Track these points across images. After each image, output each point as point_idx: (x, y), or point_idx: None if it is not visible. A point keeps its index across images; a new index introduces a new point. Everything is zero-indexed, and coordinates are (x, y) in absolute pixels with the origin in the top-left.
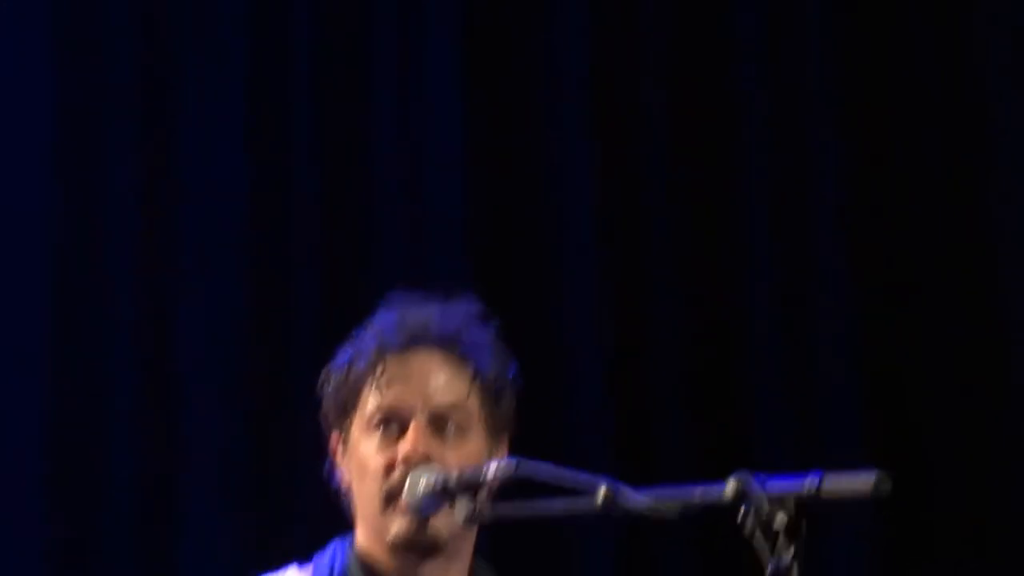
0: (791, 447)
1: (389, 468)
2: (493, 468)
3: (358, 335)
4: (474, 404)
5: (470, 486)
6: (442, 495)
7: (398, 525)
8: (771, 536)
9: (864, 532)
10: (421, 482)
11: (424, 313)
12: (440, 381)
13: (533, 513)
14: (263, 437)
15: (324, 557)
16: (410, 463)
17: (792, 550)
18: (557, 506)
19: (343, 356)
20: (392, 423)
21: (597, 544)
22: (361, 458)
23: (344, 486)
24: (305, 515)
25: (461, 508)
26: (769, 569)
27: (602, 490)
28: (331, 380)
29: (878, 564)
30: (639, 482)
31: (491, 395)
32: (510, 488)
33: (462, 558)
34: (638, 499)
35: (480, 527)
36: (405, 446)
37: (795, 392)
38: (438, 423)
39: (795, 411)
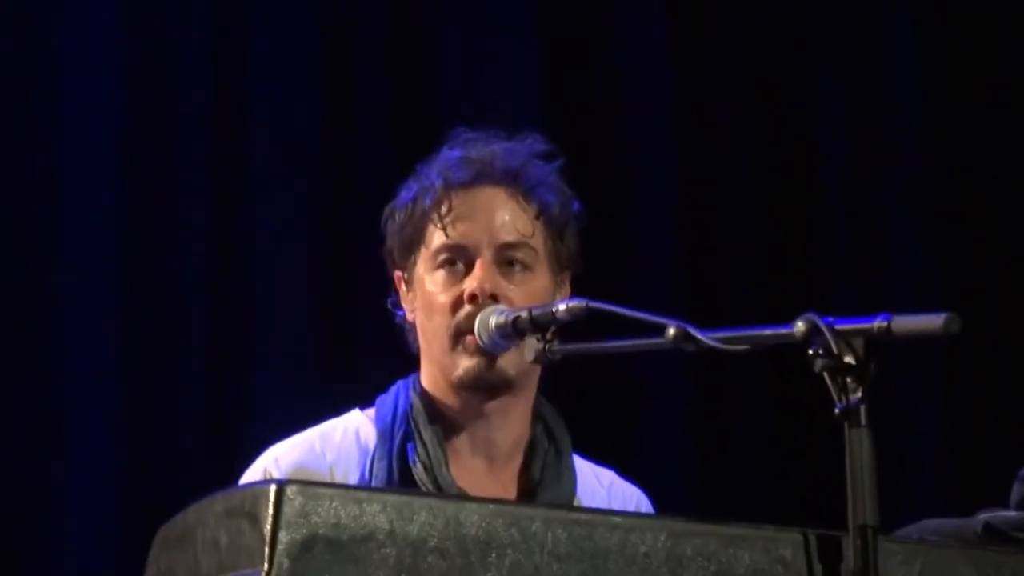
0: (862, 295)
1: (456, 305)
2: (563, 307)
3: (421, 171)
4: (539, 241)
5: (540, 325)
6: (512, 333)
7: (466, 363)
8: (840, 375)
9: (932, 375)
10: (491, 321)
11: (488, 149)
12: (506, 218)
13: (603, 351)
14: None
15: (387, 398)
16: (477, 301)
17: (861, 390)
18: (627, 345)
19: (407, 192)
20: (458, 260)
21: (671, 387)
22: (427, 295)
23: (409, 325)
24: (370, 359)
25: (531, 347)
26: (837, 408)
27: (672, 328)
28: (395, 217)
29: (945, 406)
30: (709, 326)
31: (555, 232)
32: (581, 328)
33: (527, 397)
34: (707, 337)
35: (547, 366)
36: (472, 283)
37: (866, 239)
38: (504, 260)
39: (866, 259)
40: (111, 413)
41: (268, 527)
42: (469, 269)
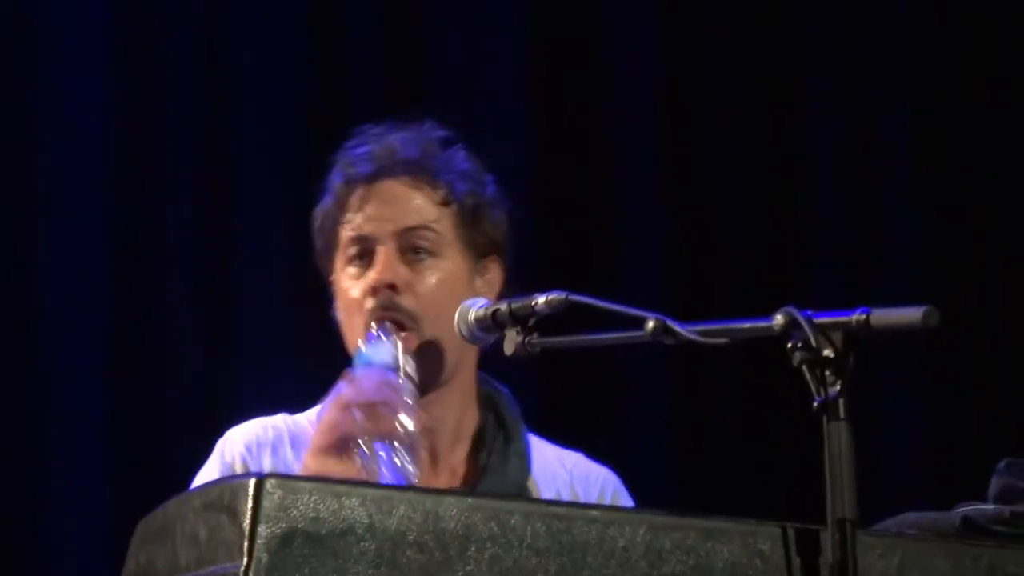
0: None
1: (363, 299)
2: (543, 299)
3: (330, 172)
4: (446, 227)
5: (519, 318)
6: (492, 326)
7: None
8: (819, 369)
9: (912, 368)
10: (470, 314)
11: (388, 141)
12: (407, 205)
13: (583, 344)
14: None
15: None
16: (376, 293)
17: (840, 383)
18: (606, 338)
19: (321, 199)
20: (364, 254)
21: (651, 380)
22: (342, 293)
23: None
24: None
25: (510, 340)
26: (816, 402)
27: (651, 321)
28: (316, 221)
29: (925, 399)
30: (695, 318)
31: (466, 217)
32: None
33: (460, 383)
34: (687, 330)
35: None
36: (371, 275)
37: (855, 230)
38: (408, 247)
39: (855, 250)
40: (96, 408)
41: (247, 521)
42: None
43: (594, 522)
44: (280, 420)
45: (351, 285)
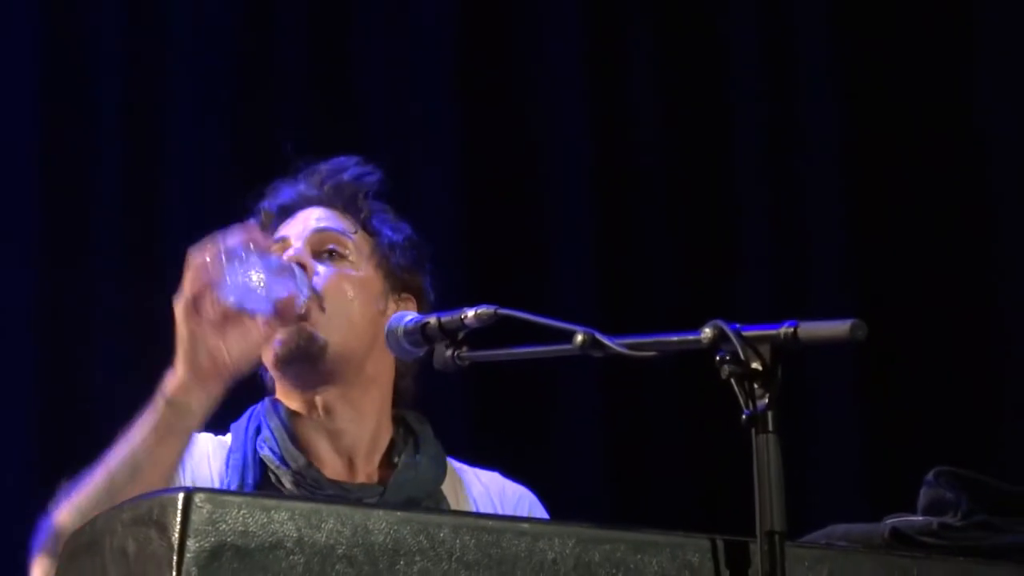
0: (777, 301)
1: None
2: (472, 313)
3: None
4: (362, 242)
5: (449, 331)
6: (420, 340)
7: (281, 335)
8: (747, 382)
9: (843, 380)
10: (399, 328)
11: (314, 173)
12: (323, 215)
13: (512, 357)
14: None
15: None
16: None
17: (768, 396)
18: (535, 351)
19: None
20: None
21: (582, 392)
22: None
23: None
24: None
25: (439, 354)
26: (745, 414)
27: (579, 334)
28: None
29: (856, 412)
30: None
31: (384, 250)
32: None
33: (377, 392)
34: (615, 343)
35: (452, 374)
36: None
37: (784, 242)
38: (316, 243)
39: (783, 263)
40: (31, 409)
41: (176, 535)
42: None
43: (523, 535)
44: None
45: None
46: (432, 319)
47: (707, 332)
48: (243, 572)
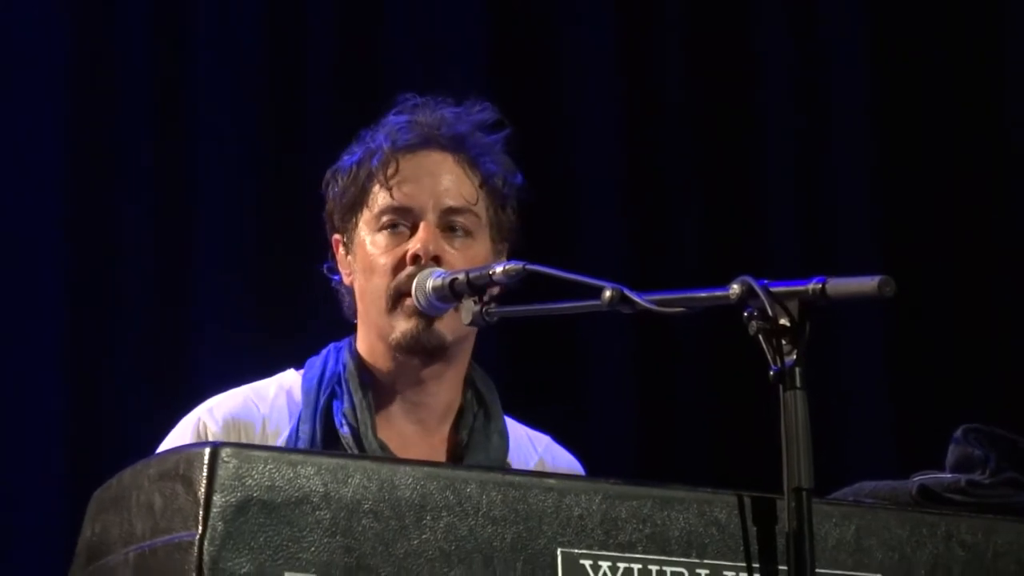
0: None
1: (397, 267)
2: (500, 269)
3: (367, 135)
4: (481, 209)
5: (477, 287)
6: (449, 295)
7: (403, 326)
8: (775, 338)
9: (873, 338)
10: (428, 283)
11: (436, 115)
12: (451, 184)
13: (540, 313)
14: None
15: (316, 360)
16: (419, 262)
17: (796, 352)
18: (563, 308)
19: (351, 156)
20: (401, 223)
21: (612, 348)
22: (368, 257)
23: (345, 289)
24: (310, 322)
25: (467, 309)
26: (772, 371)
27: (608, 290)
28: (337, 180)
29: (885, 368)
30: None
31: (498, 202)
32: (521, 291)
33: (461, 362)
34: (643, 299)
35: (483, 329)
36: (415, 244)
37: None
38: (447, 225)
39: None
40: (54, 389)
41: (202, 489)
42: (412, 232)
43: (550, 491)
44: (253, 397)
45: (381, 251)
46: (460, 275)
47: (735, 288)
48: (269, 526)
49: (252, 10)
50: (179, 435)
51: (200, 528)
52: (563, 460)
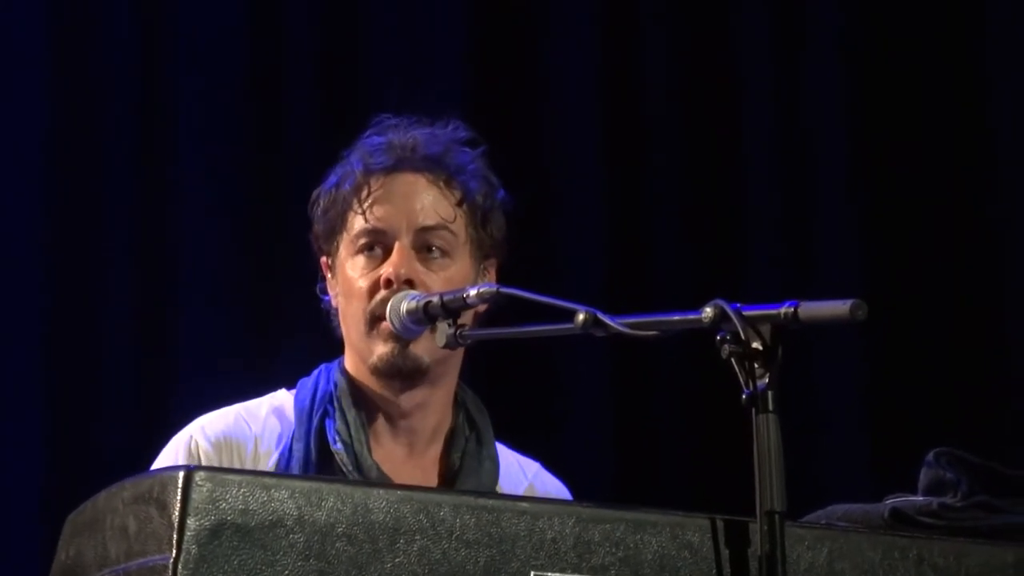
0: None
1: (373, 290)
2: (474, 292)
3: (345, 157)
4: (459, 227)
5: (451, 310)
6: (423, 319)
7: (380, 349)
8: (747, 361)
9: (849, 361)
10: (402, 306)
11: (410, 135)
12: (425, 203)
13: (514, 336)
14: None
15: (308, 381)
16: (392, 286)
17: (768, 376)
18: (537, 330)
19: (331, 178)
20: (376, 245)
21: (590, 371)
22: (347, 280)
23: (333, 310)
24: (295, 342)
25: (441, 332)
26: (745, 394)
27: (581, 313)
28: (319, 202)
29: (859, 391)
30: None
31: (477, 219)
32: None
33: (446, 386)
34: (617, 323)
35: (465, 352)
36: (387, 268)
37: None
38: (423, 245)
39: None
40: (36, 399)
41: (176, 513)
42: (387, 254)
43: (523, 514)
44: (245, 415)
45: (359, 275)
46: (434, 298)
47: (708, 311)
48: (243, 550)
49: (231, 22)
50: (171, 453)
51: (174, 552)
52: (552, 486)
